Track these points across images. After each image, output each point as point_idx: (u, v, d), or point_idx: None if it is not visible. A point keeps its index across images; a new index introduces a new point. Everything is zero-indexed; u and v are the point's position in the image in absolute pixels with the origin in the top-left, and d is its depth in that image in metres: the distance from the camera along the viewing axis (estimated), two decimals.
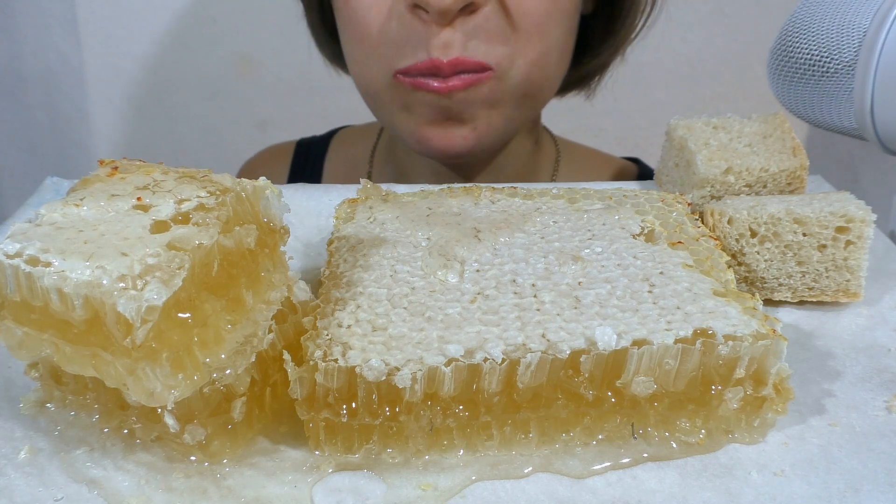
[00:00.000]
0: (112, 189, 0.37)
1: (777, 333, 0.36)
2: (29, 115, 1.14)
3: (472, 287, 0.40)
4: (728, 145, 0.54)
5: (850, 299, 0.47)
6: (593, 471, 0.36)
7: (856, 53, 0.49)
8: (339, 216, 0.49)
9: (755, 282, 0.47)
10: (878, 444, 0.37)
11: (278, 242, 0.39)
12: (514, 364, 0.35)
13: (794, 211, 0.45)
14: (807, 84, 0.52)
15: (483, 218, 0.47)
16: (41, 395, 0.39)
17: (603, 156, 0.85)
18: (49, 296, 0.32)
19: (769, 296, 0.47)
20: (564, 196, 0.50)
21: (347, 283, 0.41)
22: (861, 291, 0.46)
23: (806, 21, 0.52)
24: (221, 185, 0.37)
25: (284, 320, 0.40)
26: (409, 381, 0.34)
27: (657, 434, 0.37)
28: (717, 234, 0.47)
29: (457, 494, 0.35)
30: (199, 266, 0.33)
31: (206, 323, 0.33)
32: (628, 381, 0.36)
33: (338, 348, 0.36)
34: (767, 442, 0.37)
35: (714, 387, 0.36)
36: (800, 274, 0.46)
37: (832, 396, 0.40)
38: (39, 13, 1.08)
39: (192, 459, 0.36)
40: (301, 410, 0.36)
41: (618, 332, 0.36)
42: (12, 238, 0.34)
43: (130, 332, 0.31)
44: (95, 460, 0.36)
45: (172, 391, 0.32)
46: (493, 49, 0.61)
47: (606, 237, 0.45)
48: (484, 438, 0.37)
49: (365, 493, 0.35)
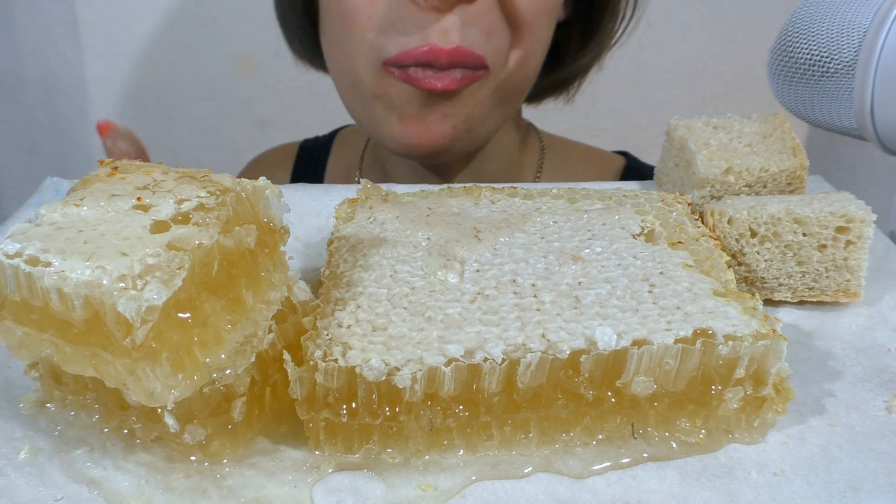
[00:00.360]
0: (112, 189, 0.37)
1: (777, 333, 0.36)
2: (29, 115, 1.14)
3: (472, 287, 0.40)
4: (728, 145, 0.54)
5: (849, 299, 0.47)
6: (593, 471, 0.36)
7: (856, 53, 0.49)
8: (339, 216, 0.49)
9: (755, 282, 0.47)
10: (878, 444, 0.37)
11: (278, 242, 0.39)
12: (514, 364, 0.35)
13: (794, 211, 0.45)
14: (807, 84, 0.52)
15: (483, 218, 0.47)
16: (41, 395, 0.39)
17: (590, 149, 0.84)
18: (49, 296, 0.32)
19: (769, 296, 0.47)
20: (564, 196, 0.50)
21: (347, 283, 0.41)
22: (861, 291, 0.46)
23: (806, 21, 0.52)
24: (221, 185, 0.37)
25: (284, 320, 0.40)
26: (409, 381, 0.34)
27: (657, 434, 0.37)
28: (717, 234, 0.47)
29: (457, 494, 0.35)
30: (199, 266, 0.33)
31: (206, 323, 0.33)
32: (628, 381, 0.36)
33: (338, 348, 0.36)
34: (767, 442, 0.37)
35: (714, 387, 0.36)
36: (800, 274, 0.46)
37: (832, 396, 0.40)
38: (39, 13, 1.08)
39: (192, 459, 0.36)
40: (301, 410, 0.36)
41: (618, 332, 0.36)
42: (12, 238, 0.34)
43: (130, 332, 0.31)
44: (95, 460, 0.36)
45: (172, 391, 0.32)
46: (490, 43, 0.60)
47: (606, 237, 0.45)
48: (484, 438, 0.37)
49: (365, 493, 0.35)
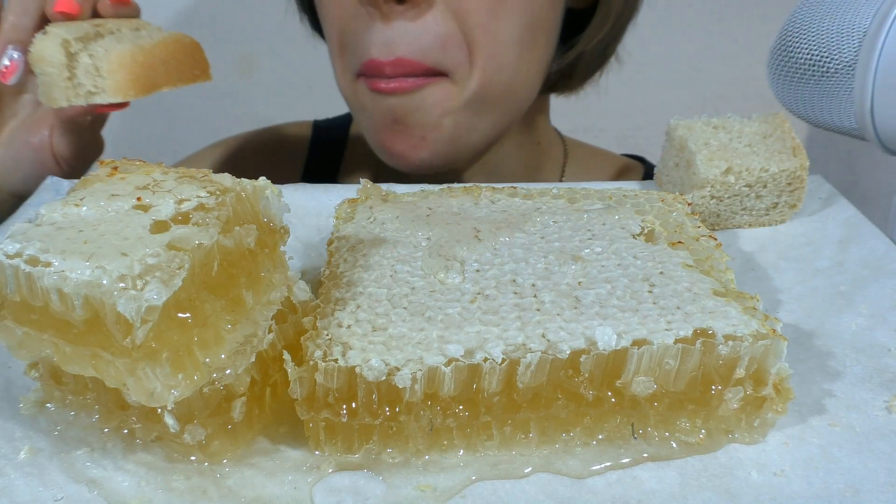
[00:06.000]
0: (112, 189, 0.37)
1: (777, 333, 0.36)
2: None
3: (472, 287, 0.40)
4: (728, 145, 0.54)
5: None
6: (593, 471, 0.36)
7: (856, 54, 0.49)
8: (339, 216, 0.49)
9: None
10: (878, 444, 0.37)
11: (278, 242, 0.39)
12: (514, 364, 0.35)
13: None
14: (807, 84, 0.52)
15: (483, 218, 0.47)
16: (41, 395, 0.39)
17: (609, 155, 0.84)
18: (49, 296, 0.32)
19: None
20: (564, 196, 0.50)
21: (347, 283, 0.41)
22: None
23: (806, 21, 0.52)
24: (221, 185, 0.37)
25: (284, 320, 0.40)
26: (409, 381, 0.34)
27: (657, 434, 0.37)
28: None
29: (457, 494, 0.35)
30: (199, 266, 0.33)
31: (206, 323, 0.33)
32: (628, 381, 0.36)
33: (338, 348, 0.36)
34: (767, 442, 0.37)
35: (714, 387, 0.36)
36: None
37: (832, 396, 0.40)
38: None
39: (192, 459, 0.36)
40: (301, 410, 0.36)
41: (618, 332, 0.36)
42: (12, 238, 0.34)
43: (130, 332, 0.31)
44: (95, 460, 0.36)
45: (172, 391, 0.32)
46: (448, 54, 0.59)
47: (606, 237, 0.45)
48: (484, 438, 0.37)
49: (365, 493, 0.35)
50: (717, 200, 0.53)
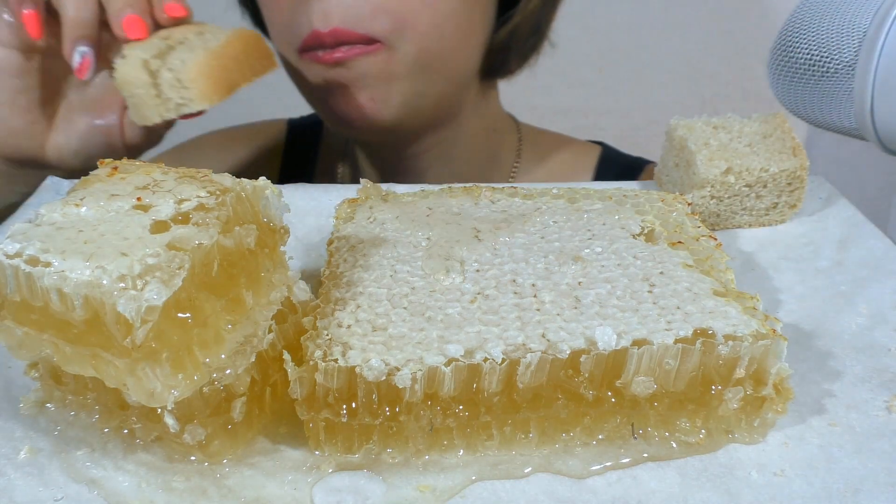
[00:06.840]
0: (112, 189, 0.37)
1: (777, 333, 0.36)
2: None
3: (472, 287, 0.40)
4: (728, 145, 0.54)
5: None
6: (593, 471, 0.36)
7: (856, 53, 0.49)
8: (339, 216, 0.49)
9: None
10: (878, 444, 0.37)
11: (278, 242, 0.39)
12: (514, 364, 0.35)
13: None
14: (807, 84, 0.52)
15: (483, 218, 0.47)
16: (41, 395, 0.39)
17: (565, 138, 0.86)
18: (49, 296, 0.32)
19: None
20: (564, 196, 0.50)
21: (347, 283, 0.41)
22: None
23: (806, 21, 0.52)
24: (221, 185, 0.37)
25: (284, 320, 0.40)
26: (409, 381, 0.34)
27: (657, 434, 0.37)
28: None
29: (457, 494, 0.35)
30: (199, 266, 0.33)
31: (206, 323, 0.33)
32: (628, 381, 0.36)
33: (338, 348, 0.36)
34: (767, 442, 0.37)
35: (714, 387, 0.36)
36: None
37: (832, 396, 0.40)
38: None
39: (192, 459, 0.36)
40: (301, 410, 0.36)
41: (618, 332, 0.36)
42: (12, 238, 0.34)
43: (130, 332, 0.31)
44: (95, 460, 0.36)
45: (172, 391, 0.32)
46: (377, 21, 0.61)
47: (606, 237, 0.45)
48: (484, 438, 0.37)
49: (365, 493, 0.35)
50: (717, 200, 0.53)
